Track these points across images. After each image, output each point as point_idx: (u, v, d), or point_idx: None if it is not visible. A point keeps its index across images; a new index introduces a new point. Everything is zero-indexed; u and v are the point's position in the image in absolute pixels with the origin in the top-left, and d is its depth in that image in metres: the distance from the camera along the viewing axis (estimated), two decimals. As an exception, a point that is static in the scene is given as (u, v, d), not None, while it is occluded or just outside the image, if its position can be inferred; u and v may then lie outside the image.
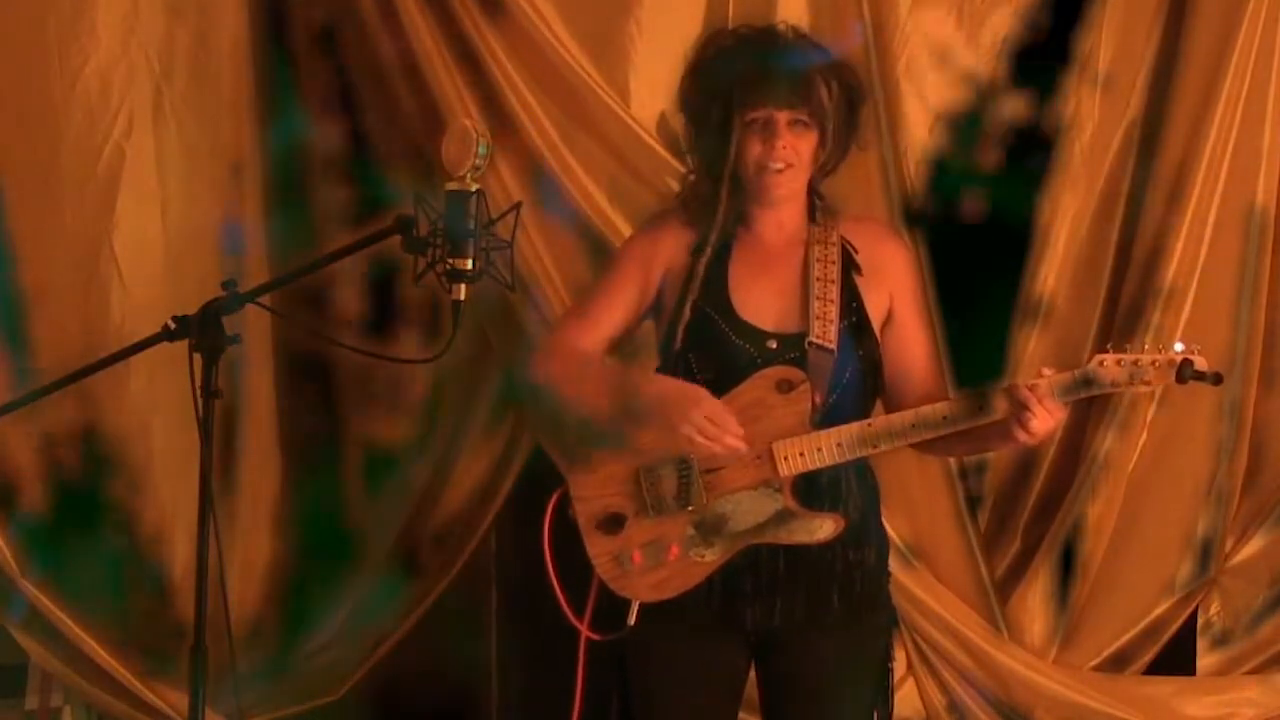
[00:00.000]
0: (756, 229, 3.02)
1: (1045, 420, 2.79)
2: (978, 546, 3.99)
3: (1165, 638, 4.05)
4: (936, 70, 3.96)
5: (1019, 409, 2.79)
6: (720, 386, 2.91)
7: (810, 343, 2.91)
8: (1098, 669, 4.03)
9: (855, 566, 2.98)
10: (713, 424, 2.84)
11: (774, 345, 2.93)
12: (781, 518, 2.91)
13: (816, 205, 3.04)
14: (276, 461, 4.00)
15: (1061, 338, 4.00)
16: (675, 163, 3.83)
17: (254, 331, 3.86)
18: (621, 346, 3.10)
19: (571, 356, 3.03)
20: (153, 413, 3.92)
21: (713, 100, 2.95)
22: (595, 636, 2.97)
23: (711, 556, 2.93)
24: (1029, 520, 4.05)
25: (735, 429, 2.84)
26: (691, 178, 3.08)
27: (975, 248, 3.91)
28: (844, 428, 2.88)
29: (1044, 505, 4.04)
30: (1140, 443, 3.97)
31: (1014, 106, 3.98)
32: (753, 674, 3.08)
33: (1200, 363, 2.76)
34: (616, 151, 3.86)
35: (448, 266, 3.09)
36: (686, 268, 2.99)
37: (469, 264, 3.08)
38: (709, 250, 2.98)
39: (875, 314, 3.00)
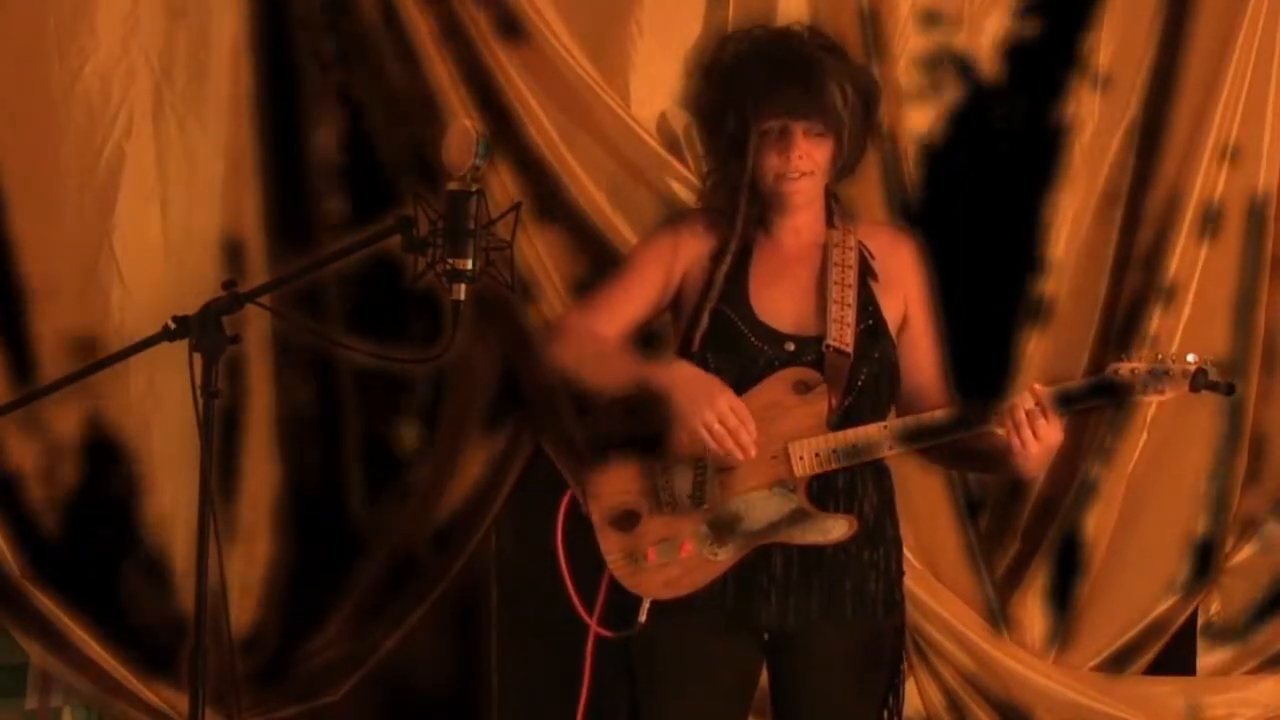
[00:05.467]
0: (775, 233, 3.04)
1: (1044, 435, 2.81)
2: (977, 546, 3.99)
3: (1165, 638, 4.05)
4: (936, 70, 3.96)
5: (1016, 426, 2.80)
6: (738, 388, 2.92)
7: (827, 345, 2.93)
8: (1098, 669, 4.03)
9: (870, 566, 3.00)
10: (734, 416, 2.82)
11: (791, 348, 2.95)
12: (795, 518, 2.92)
13: (834, 209, 3.05)
14: (276, 461, 4.00)
15: (1062, 338, 4.00)
16: (675, 163, 3.84)
17: (254, 331, 3.86)
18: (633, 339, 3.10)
19: (585, 337, 3.03)
20: (153, 413, 3.92)
21: (727, 110, 2.96)
22: (606, 633, 2.98)
23: (724, 555, 2.94)
24: (1029, 520, 4.05)
25: (751, 430, 2.83)
26: (710, 181, 3.09)
27: (975, 248, 3.91)
28: (859, 429, 2.90)
29: (1044, 505, 4.04)
30: (1140, 443, 3.96)
31: (1014, 106, 3.97)
32: (763, 677, 3.09)
33: (1214, 373, 2.78)
34: (616, 151, 3.86)
35: (448, 266, 3.09)
36: (707, 272, 3.01)
37: (469, 264, 3.09)
38: (728, 259, 2.99)
39: (892, 319, 3.03)
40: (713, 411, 2.83)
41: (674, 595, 2.94)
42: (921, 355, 3.07)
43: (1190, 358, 2.80)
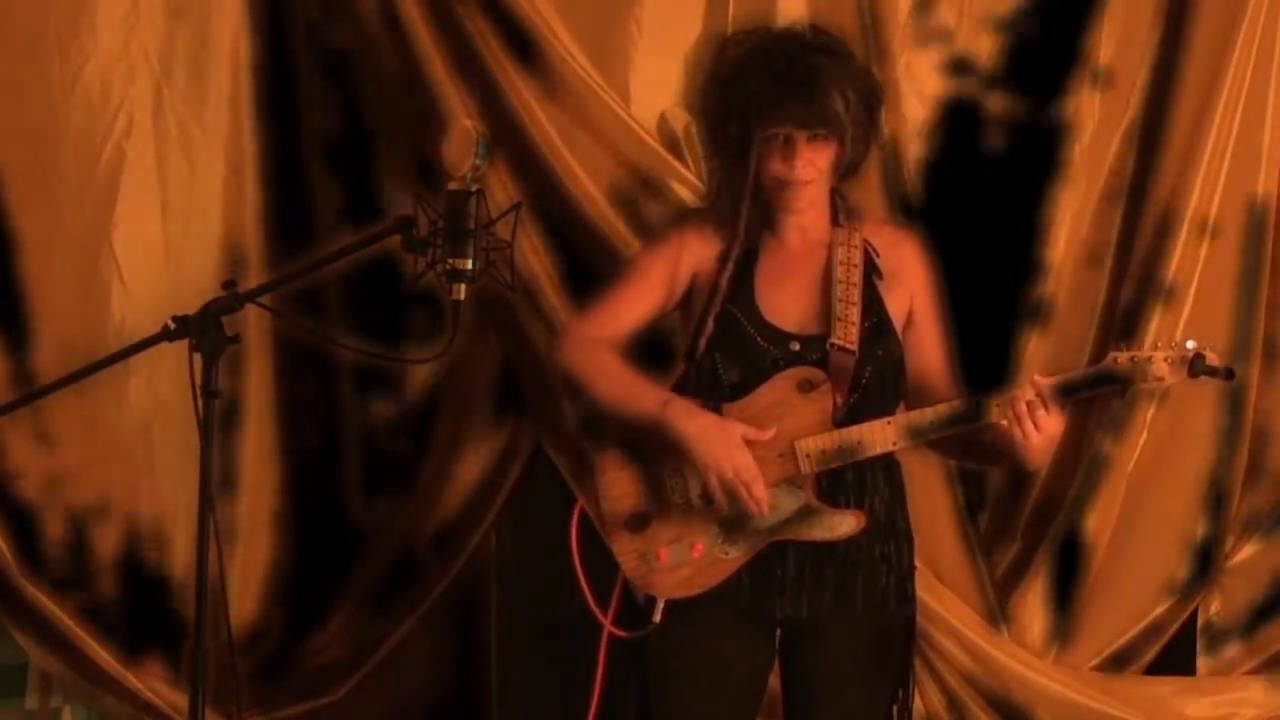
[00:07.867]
0: (781, 233, 3.06)
1: (1045, 425, 2.82)
2: (977, 546, 3.99)
3: (1165, 638, 4.05)
4: (936, 70, 3.96)
5: (1017, 418, 2.81)
6: (745, 387, 2.96)
7: (832, 344, 2.94)
8: (1098, 669, 4.03)
9: (881, 560, 3.03)
10: (748, 472, 2.87)
11: (797, 347, 2.97)
12: (803, 515, 2.94)
13: (839, 207, 3.06)
14: (276, 461, 4.00)
15: (1062, 338, 4.00)
16: (675, 163, 3.84)
17: (254, 331, 3.86)
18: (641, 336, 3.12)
19: (596, 353, 3.03)
20: (153, 413, 3.92)
21: (730, 115, 2.97)
22: (620, 633, 3.00)
23: (735, 553, 2.96)
24: (1029, 520, 4.05)
25: (759, 490, 2.87)
26: (714, 181, 3.10)
27: (975, 248, 3.91)
28: (863, 426, 2.92)
29: (1044, 505, 4.04)
30: (1140, 443, 3.96)
31: (1014, 106, 3.98)
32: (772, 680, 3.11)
33: (1212, 358, 2.80)
34: (616, 151, 3.86)
35: (448, 266, 3.10)
36: (713, 274, 3.02)
37: (469, 264, 3.10)
38: (731, 264, 3.00)
39: (897, 316, 3.04)
40: (730, 465, 2.86)
41: (687, 594, 2.97)
42: (927, 351, 3.08)
43: (1189, 344, 2.82)
